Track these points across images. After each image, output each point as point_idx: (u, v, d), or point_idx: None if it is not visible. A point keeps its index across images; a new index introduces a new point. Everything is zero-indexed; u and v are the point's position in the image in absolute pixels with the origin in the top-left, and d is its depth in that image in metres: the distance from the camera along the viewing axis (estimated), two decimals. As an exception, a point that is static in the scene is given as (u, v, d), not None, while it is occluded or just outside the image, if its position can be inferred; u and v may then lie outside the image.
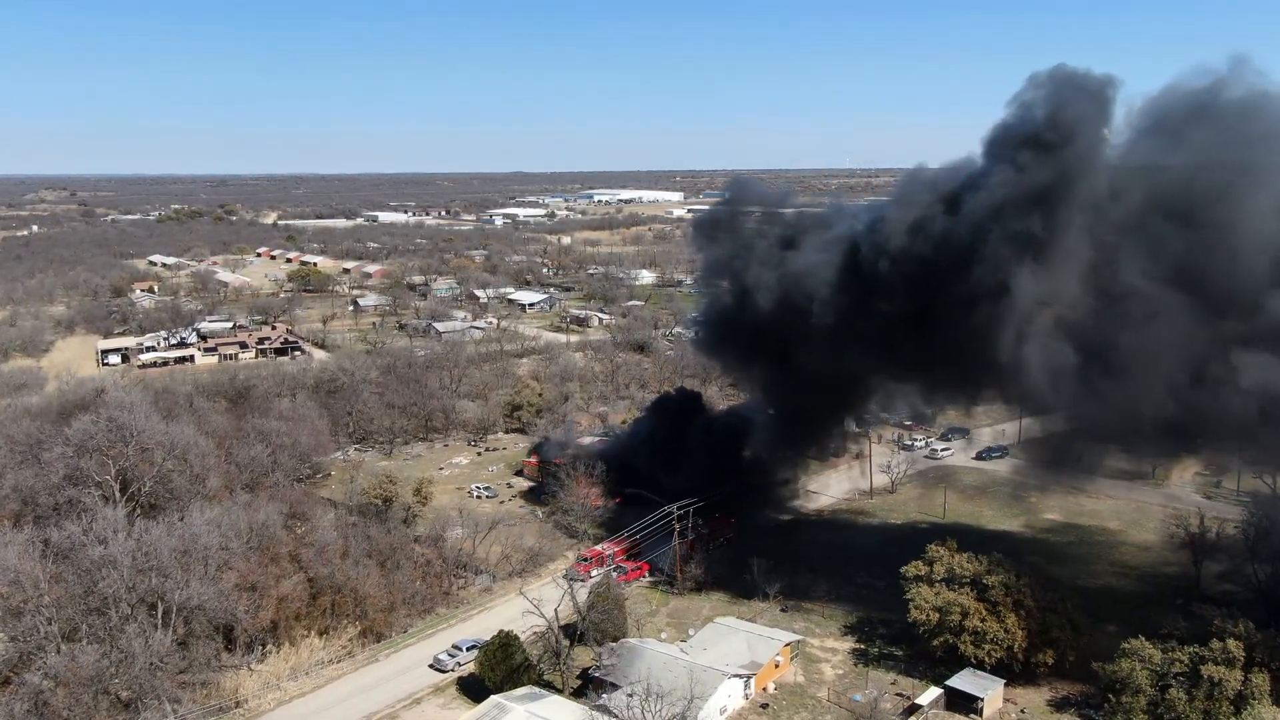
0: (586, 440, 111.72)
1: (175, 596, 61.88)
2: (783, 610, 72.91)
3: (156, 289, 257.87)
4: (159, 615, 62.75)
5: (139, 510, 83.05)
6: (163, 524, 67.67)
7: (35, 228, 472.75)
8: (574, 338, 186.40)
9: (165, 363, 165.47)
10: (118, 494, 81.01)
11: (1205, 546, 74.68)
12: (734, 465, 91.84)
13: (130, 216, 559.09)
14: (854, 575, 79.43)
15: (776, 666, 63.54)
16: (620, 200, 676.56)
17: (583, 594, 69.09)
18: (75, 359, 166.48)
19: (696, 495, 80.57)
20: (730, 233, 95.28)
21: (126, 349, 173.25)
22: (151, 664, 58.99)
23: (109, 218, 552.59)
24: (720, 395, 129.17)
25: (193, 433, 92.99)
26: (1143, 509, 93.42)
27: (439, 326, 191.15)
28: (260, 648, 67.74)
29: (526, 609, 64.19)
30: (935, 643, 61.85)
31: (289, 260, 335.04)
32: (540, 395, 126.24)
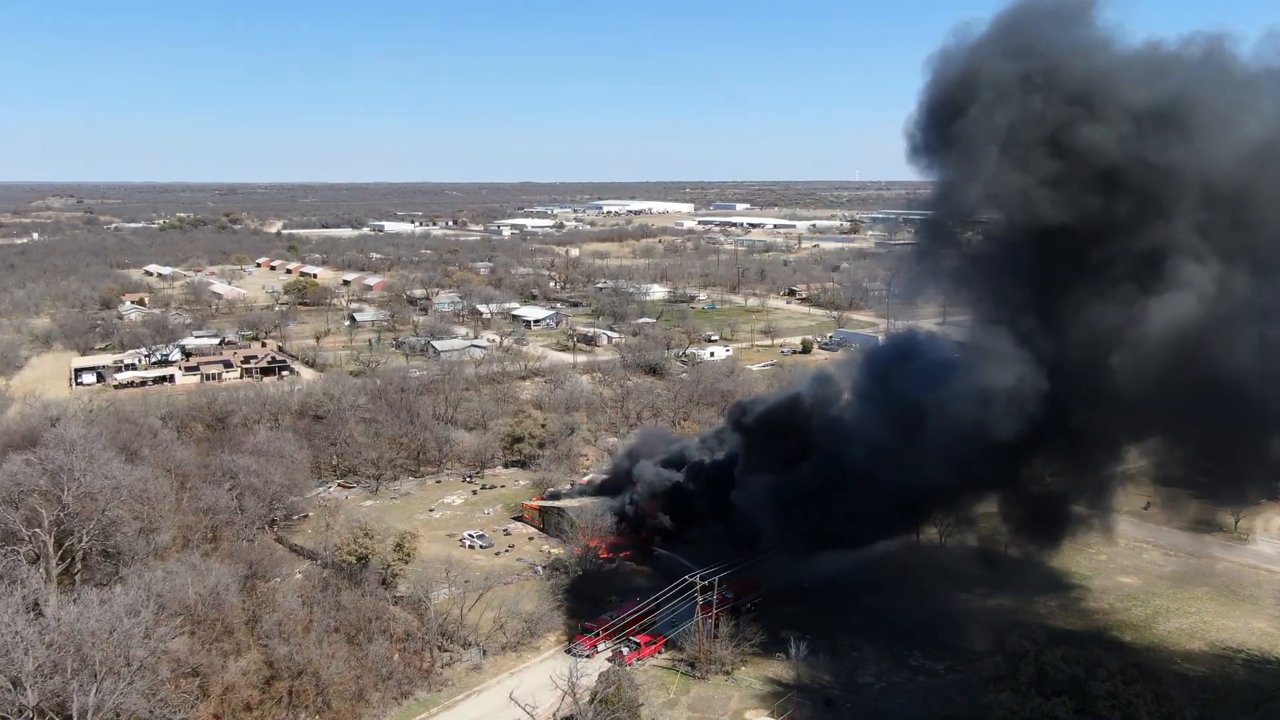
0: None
1: (90, 699, 50.56)
2: (827, 703, 61.16)
3: (147, 301, 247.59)
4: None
5: (81, 568, 72.24)
6: (82, 600, 56.27)
7: (35, 235, 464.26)
8: (581, 358, 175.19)
9: (143, 382, 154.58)
10: (51, 551, 69.95)
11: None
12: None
13: (133, 225, 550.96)
14: (907, 655, 67.58)
15: (824, 786, 51.93)
16: (630, 211, 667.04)
17: (588, 666, 58.62)
18: (47, 378, 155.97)
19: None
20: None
21: (103, 367, 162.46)
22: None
23: (111, 225, 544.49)
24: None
25: (149, 473, 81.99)
26: (1232, 571, 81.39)
27: (438, 345, 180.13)
28: (199, 751, 56.38)
29: (522, 699, 53.03)
30: (1022, 763, 50.14)
31: (289, 271, 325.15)
32: (543, 426, 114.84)
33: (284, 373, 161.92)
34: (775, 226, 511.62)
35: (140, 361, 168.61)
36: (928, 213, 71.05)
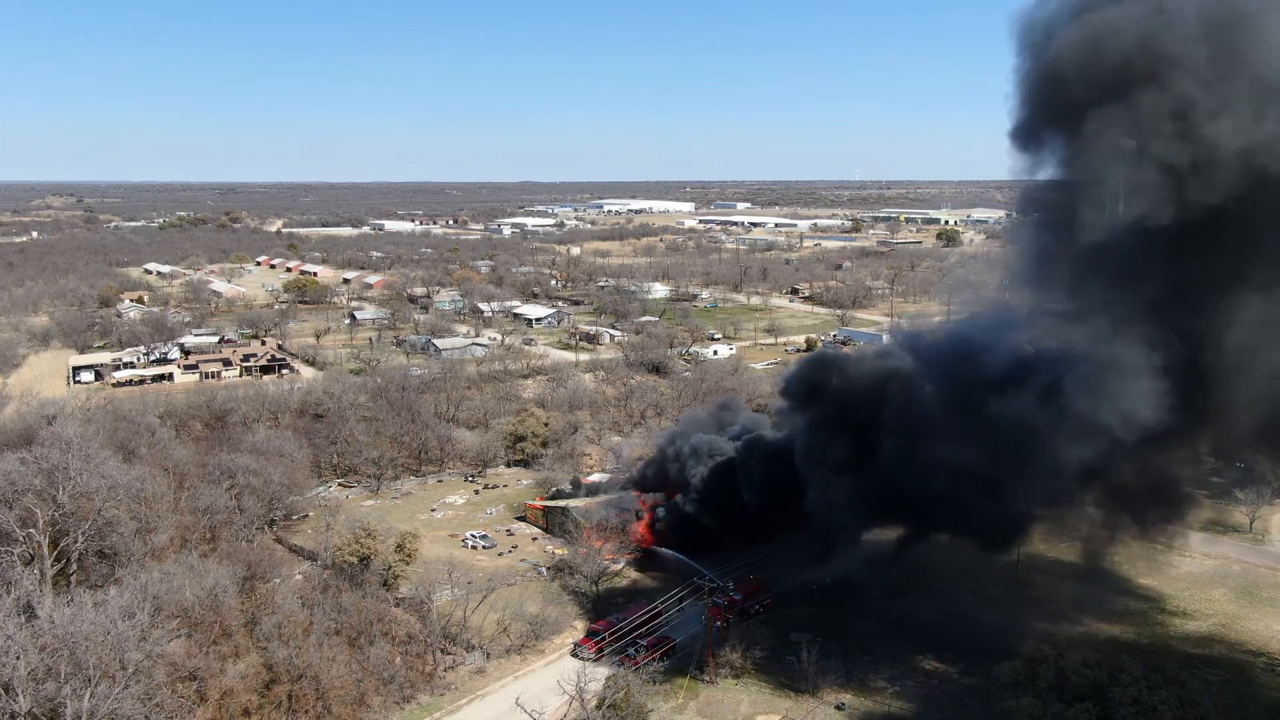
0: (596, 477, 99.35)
1: (84, 704, 49.10)
2: (838, 708, 59.74)
3: (146, 299, 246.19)
4: (66, 721, 50.09)
5: (76, 569, 70.79)
6: (77, 602, 54.88)
7: (35, 234, 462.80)
8: (584, 356, 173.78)
9: (142, 381, 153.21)
10: (46, 552, 68.50)
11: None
12: None
13: (133, 223, 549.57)
14: (920, 658, 66.13)
15: (839, 794, 50.51)
16: (630, 210, 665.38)
17: (596, 671, 57.45)
18: (45, 376, 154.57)
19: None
20: None
21: (101, 366, 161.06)
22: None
23: (111, 224, 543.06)
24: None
25: (147, 473, 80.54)
26: (1250, 572, 79.94)
27: (439, 343, 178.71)
28: (196, 758, 54.95)
29: (528, 704, 51.62)
30: (1043, 771, 48.73)
31: (289, 269, 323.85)
32: (546, 425, 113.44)
33: (284, 371, 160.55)
34: (776, 225, 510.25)
35: (139, 360, 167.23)
36: (1030, 207, 65.18)
